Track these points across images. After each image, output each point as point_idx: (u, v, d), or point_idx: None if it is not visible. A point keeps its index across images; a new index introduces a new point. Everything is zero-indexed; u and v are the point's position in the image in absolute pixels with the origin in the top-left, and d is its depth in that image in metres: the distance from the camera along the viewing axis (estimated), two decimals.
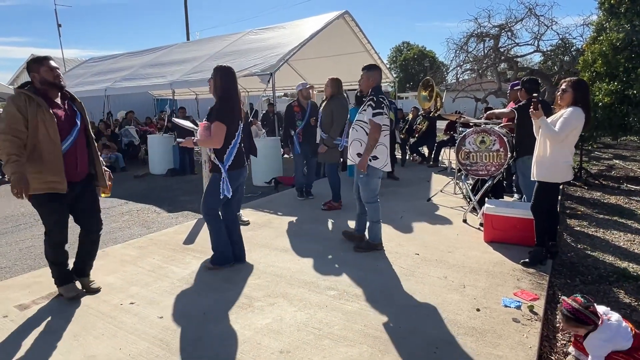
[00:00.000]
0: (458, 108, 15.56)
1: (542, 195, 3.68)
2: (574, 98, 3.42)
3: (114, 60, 14.39)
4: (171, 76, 10.09)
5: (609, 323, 2.27)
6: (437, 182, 7.39)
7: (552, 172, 3.56)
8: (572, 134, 3.44)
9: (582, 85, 3.46)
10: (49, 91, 2.99)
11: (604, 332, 2.24)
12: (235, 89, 3.57)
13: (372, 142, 3.75)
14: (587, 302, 2.30)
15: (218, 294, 3.25)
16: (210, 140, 3.43)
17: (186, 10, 23.65)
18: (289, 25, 10.43)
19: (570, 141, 3.51)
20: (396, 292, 3.21)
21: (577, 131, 3.45)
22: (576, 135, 3.50)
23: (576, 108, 3.39)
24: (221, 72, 3.52)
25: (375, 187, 3.96)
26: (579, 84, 3.46)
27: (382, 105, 3.73)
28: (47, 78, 2.96)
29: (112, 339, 2.65)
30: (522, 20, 12.22)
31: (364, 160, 3.79)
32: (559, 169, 3.53)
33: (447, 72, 15.27)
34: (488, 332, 2.64)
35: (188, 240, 4.59)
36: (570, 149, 3.53)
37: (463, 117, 5.93)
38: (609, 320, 2.28)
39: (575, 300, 2.32)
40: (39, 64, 2.96)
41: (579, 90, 3.43)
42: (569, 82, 3.49)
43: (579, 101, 3.41)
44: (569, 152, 3.52)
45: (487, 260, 3.78)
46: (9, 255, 4.36)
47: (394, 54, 47.20)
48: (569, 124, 3.37)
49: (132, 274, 3.68)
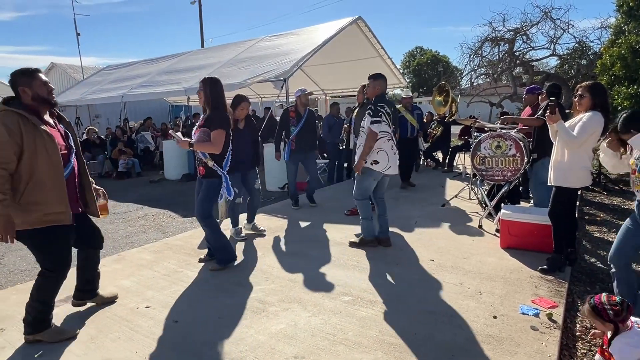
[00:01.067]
0: (472, 113, 15.42)
1: (560, 201, 3.61)
2: (593, 102, 3.35)
3: (131, 67, 14.65)
4: (186, 83, 10.23)
5: (638, 329, 2.19)
6: (452, 187, 7.32)
7: (570, 178, 3.49)
8: (590, 138, 3.37)
9: (599, 89, 3.39)
10: (40, 109, 2.61)
11: (631, 337, 2.17)
12: (224, 97, 3.71)
13: (366, 148, 4.05)
14: (616, 303, 2.20)
15: (232, 299, 3.26)
16: (211, 145, 3.52)
17: (201, 18, 24.08)
18: (302, 32, 10.50)
19: (589, 146, 3.44)
20: (411, 299, 3.18)
21: (595, 136, 3.38)
22: (594, 140, 3.43)
23: (595, 112, 3.32)
24: (210, 83, 3.63)
25: (366, 187, 4.25)
26: (595, 87, 3.39)
27: (379, 114, 3.99)
28: (40, 94, 2.56)
29: (129, 342, 2.67)
30: (538, 23, 12.08)
31: (359, 164, 4.13)
32: (577, 174, 3.46)
33: (461, 76, 15.16)
34: (505, 340, 2.59)
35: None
36: (589, 154, 3.46)
37: (478, 122, 5.87)
38: (639, 327, 2.21)
39: (609, 297, 2.25)
40: (31, 77, 2.56)
41: (597, 94, 3.36)
42: (585, 86, 3.42)
43: (598, 105, 3.34)
44: (587, 157, 3.45)
45: (503, 267, 3.72)
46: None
47: (407, 59, 47.13)
48: (587, 129, 3.30)
49: (147, 277, 3.72)
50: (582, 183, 3.52)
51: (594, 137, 3.40)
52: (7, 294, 3.49)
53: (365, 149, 4.05)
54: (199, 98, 3.73)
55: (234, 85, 8.17)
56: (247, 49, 10.82)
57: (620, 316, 2.17)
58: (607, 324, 2.21)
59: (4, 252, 4.68)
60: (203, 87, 3.63)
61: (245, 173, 4.80)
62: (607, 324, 2.21)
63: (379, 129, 3.99)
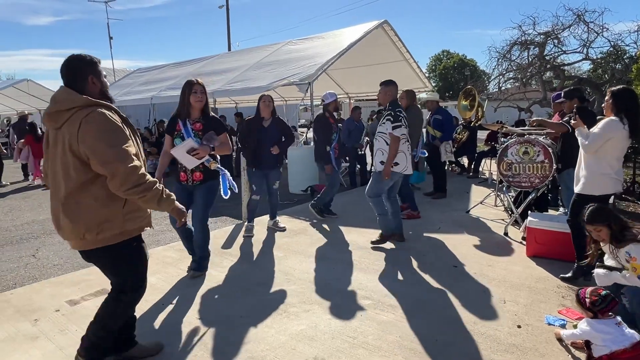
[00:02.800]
0: (500, 118, 15.10)
1: (578, 209, 3.50)
2: (616, 107, 3.26)
3: (160, 70, 15.05)
4: (213, 85, 10.42)
5: (611, 320, 2.35)
6: (477, 193, 7.19)
7: (588, 184, 3.40)
8: (607, 145, 3.27)
9: (623, 93, 3.28)
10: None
11: (603, 322, 2.34)
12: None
13: (392, 152, 4.24)
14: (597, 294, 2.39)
15: (254, 298, 3.31)
16: (227, 146, 3.59)
17: (228, 22, 24.47)
18: (328, 35, 10.54)
19: (607, 153, 3.31)
20: (432, 305, 3.14)
21: (614, 142, 3.27)
22: (616, 147, 3.30)
23: (613, 118, 3.24)
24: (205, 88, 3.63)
25: (383, 187, 4.42)
26: (619, 91, 3.29)
27: (399, 119, 4.24)
28: (105, 88, 2.19)
29: (154, 338, 2.74)
30: (570, 27, 11.72)
31: (387, 168, 4.26)
32: (596, 180, 3.36)
33: (489, 80, 14.87)
34: (529, 351, 2.53)
35: (226, 244, 4.71)
36: (609, 161, 3.32)
37: (505, 127, 5.76)
38: (619, 324, 2.34)
39: (595, 290, 2.43)
40: (97, 67, 2.15)
41: (619, 98, 3.26)
42: (610, 91, 3.34)
43: (622, 110, 3.23)
44: (606, 164, 3.32)
45: (529, 276, 3.64)
46: (61, 253, 4.63)
47: (434, 62, 46.59)
48: (602, 135, 3.23)
49: (172, 275, 3.82)
50: (601, 190, 3.39)
51: (612, 144, 3.28)
52: (41, 286, 3.65)
53: (392, 153, 4.24)
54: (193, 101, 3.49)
55: (260, 88, 8.27)
56: (272, 53, 10.95)
57: (596, 306, 2.37)
58: (587, 312, 2.42)
59: (38, 247, 4.89)
60: (204, 90, 3.58)
61: (267, 172, 4.87)
62: (587, 312, 2.42)
63: (400, 133, 4.23)
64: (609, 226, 2.72)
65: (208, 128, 3.50)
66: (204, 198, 3.58)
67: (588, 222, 2.82)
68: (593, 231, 2.82)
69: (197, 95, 3.49)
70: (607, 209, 2.88)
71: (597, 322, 2.35)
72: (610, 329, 2.31)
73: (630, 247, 2.61)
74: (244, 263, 4.13)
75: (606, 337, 2.29)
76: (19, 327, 2.91)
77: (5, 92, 16.91)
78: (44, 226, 5.83)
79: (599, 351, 2.31)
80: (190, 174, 3.53)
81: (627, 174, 8.62)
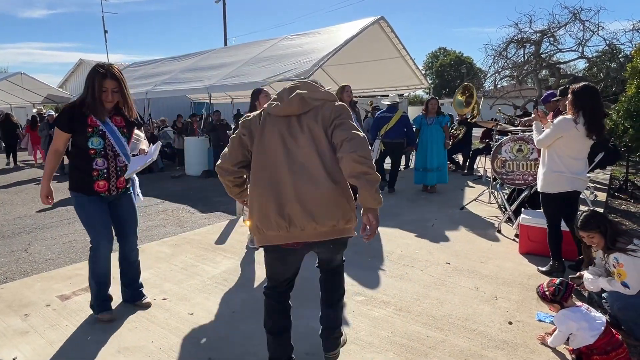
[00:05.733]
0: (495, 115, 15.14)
1: (545, 207, 3.60)
2: (574, 105, 3.30)
3: (155, 64, 14.95)
4: (208, 80, 10.37)
5: (580, 308, 2.45)
6: (471, 190, 7.21)
7: (543, 182, 3.49)
8: (561, 143, 3.34)
9: (581, 92, 3.29)
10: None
11: (573, 311, 2.43)
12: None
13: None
14: (553, 284, 2.51)
15: (246, 294, 3.30)
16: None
17: (224, 16, 24.34)
18: (324, 31, 10.50)
19: (563, 151, 3.36)
20: (425, 301, 3.15)
21: (566, 141, 3.33)
22: (569, 146, 3.34)
23: (566, 117, 3.33)
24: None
25: None
26: (578, 89, 3.30)
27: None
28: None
29: (145, 332, 2.74)
30: (566, 25, 11.78)
31: None
32: (548, 178, 3.44)
33: (485, 78, 14.90)
34: (520, 347, 2.55)
35: (220, 240, 4.70)
36: (563, 160, 3.36)
37: (500, 125, 5.77)
38: (588, 310, 2.44)
39: (550, 281, 2.56)
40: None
41: (577, 96, 3.28)
42: (571, 88, 3.38)
43: (579, 108, 3.27)
44: (560, 162, 3.37)
45: (521, 273, 3.65)
46: (53, 248, 4.60)
47: (430, 59, 46.57)
48: (551, 133, 3.36)
49: (165, 270, 3.80)
50: (554, 189, 3.43)
51: (565, 143, 3.33)
52: (32, 281, 3.63)
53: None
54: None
55: (256, 83, 8.23)
56: (268, 48, 10.90)
57: (558, 294, 2.46)
58: (554, 305, 2.50)
59: (30, 242, 4.85)
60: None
61: None
62: (554, 305, 2.50)
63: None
64: (602, 233, 2.72)
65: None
66: (134, 208, 3.03)
67: (581, 229, 2.81)
68: (586, 237, 2.81)
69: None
70: (599, 215, 2.87)
71: (568, 311, 2.43)
72: (581, 316, 2.38)
73: (619, 254, 2.63)
74: (237, 259, 4.12)
75: (582, 325, 2.35)
76: (9, 322, 2.89)
77: None
78: (36, 221, 5.78)
79: (578, 343, 2.37)
80: (114, 181, 2.81)
81: (620, 173, 8.68)
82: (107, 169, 2.76)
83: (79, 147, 2.73)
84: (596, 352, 2.31)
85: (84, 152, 2.71)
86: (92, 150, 2.70)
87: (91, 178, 2.73)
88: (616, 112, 6.72)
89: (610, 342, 2.31)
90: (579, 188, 3.49)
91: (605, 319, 2.40)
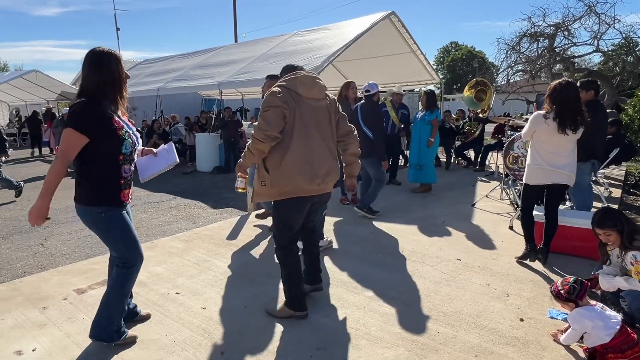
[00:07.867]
0: (508, 110, 14.96)
1: (524, 196, 3.81)
2: (549, 101, 3.44)
3: (166, 61, 15.07)
4: (219, 77, 10.42)
5: (595, 306, 2.42)
6: (483, 187, 7.16)
7: (525, 173, 3.72)
8: (537, 137, 3.50)
9: (556, 87, 3.39)
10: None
11: (588, 310, 2.40)
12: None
13: None
14: (568, 283, 2.49)
15: (258, 289, 3.34)
16: None
17: (235, 13, 24.38)
18: (335, 27, 10.47)
19: (540, 145, 3.51)
20: (436, 297, 3.16)
21: (540, 135, 3.48)
22: (545, 140, 3.48)
23: (537, 113, 3.51)
24: None
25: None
26: (555, 86, 3.41)
27: None
28: None
29: (159, 326, 2.79)
30: (581, 18, 11.53)
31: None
32: (529, 170, 3.65)
33: (497, 73, 14.71)
34: (531, 343, 2.54)
35: (231, 236, 4.75)
36: (541, 153, 3.52)
37: (512, 120, 5.71)
38: (602, 309, 2.41)
39: (564, 280, 2.54)
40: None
41: (552, 92, 3.40)
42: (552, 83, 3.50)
43: (551, 103, 3.42)
44: (538, 155, 3.54)
45: (533, 270, 3.63)
46: (69, 242, 4.70)
47: (441, 54, 46.14)
48: (526, 127, 3.59)
49: (178, 265, 3.86)
50: (532, 180, 3.63)
51: (540, 137, 3.49)
52: (49, 275, 3.71)
53: None
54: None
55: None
56: (279, 44, 10.91)
57: (573, 293, 2.45)
58: (568, 304, 2.48)
59: (47, 236, 4.96)
60: None
61: None
62: (568, 304, 2.48)
63: None
64: (618, 230, 2.68)
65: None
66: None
67: (597, 226, 2.78)
68: (602, 235, 2.78)
69: None
70: (615, 212, 2.85)
71: (584, 310, 2.41)
72: (597, 315, 2.36)
73: (638, 252, 2.59)
74: (248, 254, 4.16)
75: (597, 324, 2.33)
76: (27, 315, 2.97)
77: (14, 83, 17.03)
78: (53, 215, 5.90)
79: (592, 342, 2.35)
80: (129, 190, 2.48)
81: (635, 168, 8.53)
82: (131, 175, 2.47)
83: (103, 154, 2.30)
84: (611, 351, 2.30)
85: (111, 159, 2.32)
86: (121, 156, 2.35)
87: (119, 187, 2.37)
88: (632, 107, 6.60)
89: (626, 341, 2.29)
90: (561, 181, 3.57)
91: (620, 318, 2.39)
